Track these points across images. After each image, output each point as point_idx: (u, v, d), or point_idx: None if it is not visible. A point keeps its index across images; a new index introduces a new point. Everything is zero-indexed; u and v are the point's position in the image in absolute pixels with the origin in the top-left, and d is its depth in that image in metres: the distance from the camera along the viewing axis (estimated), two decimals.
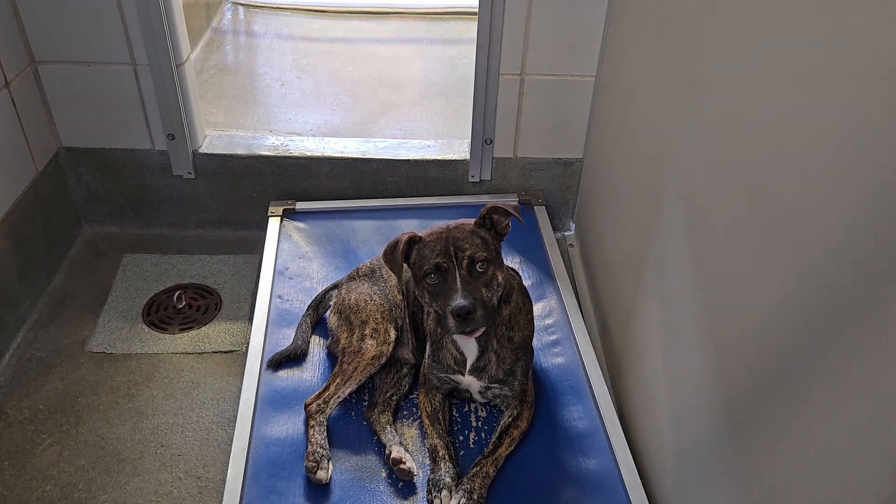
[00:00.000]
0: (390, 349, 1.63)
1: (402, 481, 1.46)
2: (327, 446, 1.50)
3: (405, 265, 1.45)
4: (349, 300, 1.70)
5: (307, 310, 1.81)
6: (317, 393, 1.58)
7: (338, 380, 1.58)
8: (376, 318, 1.64)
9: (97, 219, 2.30)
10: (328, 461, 1.47)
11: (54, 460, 1.63)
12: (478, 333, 1.42)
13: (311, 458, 1.46)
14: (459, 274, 1.36)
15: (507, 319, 1.50)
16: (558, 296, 1.90)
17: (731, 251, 1.12)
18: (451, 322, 1.35)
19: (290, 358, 1.70)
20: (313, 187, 2.24)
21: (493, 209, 1.43)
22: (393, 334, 1.64)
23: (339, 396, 1.57)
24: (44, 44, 1.98)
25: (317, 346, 1.76)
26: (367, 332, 1.63)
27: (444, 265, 1.37)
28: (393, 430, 1.54)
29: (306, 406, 1.56)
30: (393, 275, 1.71)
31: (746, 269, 1.07)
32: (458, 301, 1.33)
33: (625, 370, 1.69)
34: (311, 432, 1.51)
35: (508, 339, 1.50)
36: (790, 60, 0.97)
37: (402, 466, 1.45)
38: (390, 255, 1.44)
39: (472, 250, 1.37)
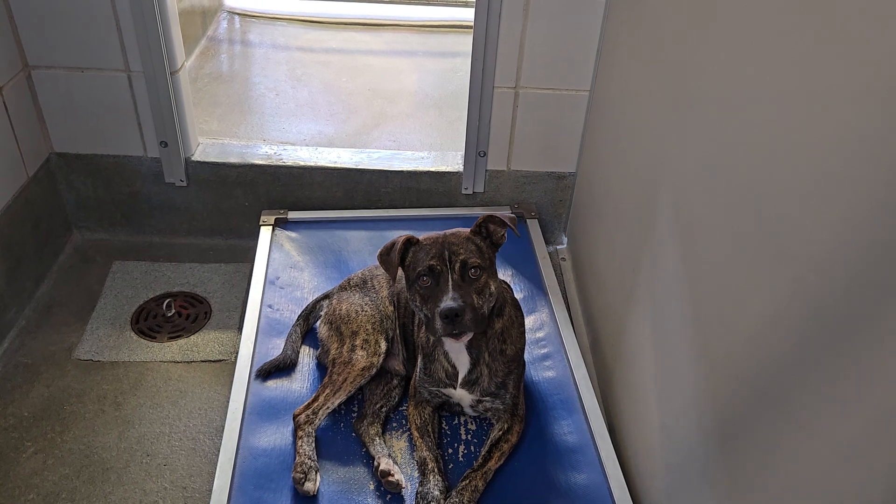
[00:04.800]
0: (381, 360, 1.62)
1: (390, 494, 1.45)
2: (315, 457, 1.49)
3: (399, 268, 1.45)
4: (340, 310, 1.69)
5: (297, 319, 1.80)
6: (306, 403, 1.57)
7: (327, 390, 1.57)
8: (367, 329, 1.64)
9: (87, 225, 2.28)
10: (316, 472, 1.46)
11: (38, 468, 1.61)
12: (465, 339, 1.41)
13: (298, 469, 1.44)
14: (451, 277, 1.36)
15: (499, 332, 1.49)
16: (550, 309, 1.89)
17: (724, 266, 1.13)
18: (438, 324, 1.34)
19: (280, 368, 1.69)
20: (306, 197, 2.23)
21: (489, 218, 1.44)
22: (384, 346, 1.63)
23: (328, 407, 1.56)
24: (38, 49, 1.97)
25: (306, 357, 1.75)
26: (358, 342, 1.62)
27: (438, 267, 1.37)
28: (382, 442, 1.53)
29: (295, 417, 1.55)
30: (384, 286, 1.70)
31: (738, 284, 1.07)
32: (447, 303, 1.33)
33: (615, 384, 1.68)
34: (300, 443, 1.49)
35: (501, 353, 1.50)
36: (783, 75, 0.98)
37: (390, 479, 1.44)
38: (386, 255, 1.45)
39: (465, 255, 1.37)
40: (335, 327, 1.67)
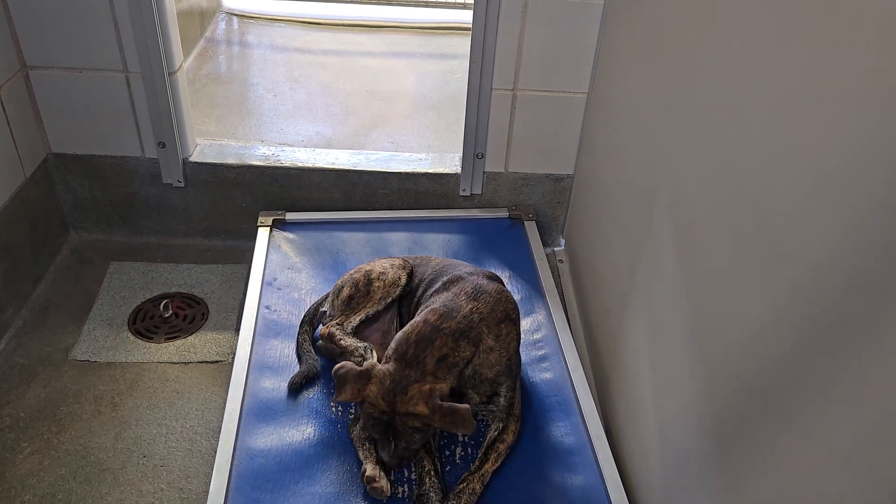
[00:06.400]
0: (402, 285, 1.64)
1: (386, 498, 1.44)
2: (360, 341, 1.55)
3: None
4: (347, 274, 1.71)
5: (301, 327, 1.77)
6: (329, 323, 1.63)
7: (347, 312, 1.62)
8: (383, 266, 1.65)
9: (85, 226, 2.28)
10: (371, 350, 1.53)
11: (34, 469, 1.60)
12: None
13: (354, 355, 1.51)
14: (390, 449, 1.40)
15: (472, 373, 1.45)
16: (547, 311, 1.89)
17: (722, 267, 1.13)
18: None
19: (308, 378, 1.66)
20: (304, 198, 2.23)
21: (441, 420, 1.35)
22: (405, 278, 1.65)
23: (352, 322, 1.60)
24: (36, 49, 1.97)
25: None
26: (374, 276, 1.65)
27: (380, 439, 1.41)
28: (372, 446, 1.51)
29: (322, 335, 1.62)
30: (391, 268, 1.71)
31: (737, 285, 1.07)
32: (386, 458, 1.42)
33: (613, 386, 1.68)
34: (342, 342, 1.56)
35: (481, 382, 1.47)
36: (782, 76, 0.98)
37: (374, 485, 1.42)
38: (339, 383, 1.41)
39: (406, 443, 1.38)
40: (346, 282, 1.69)
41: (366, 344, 1.57)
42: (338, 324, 1.63)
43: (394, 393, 1.36)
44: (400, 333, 1.44)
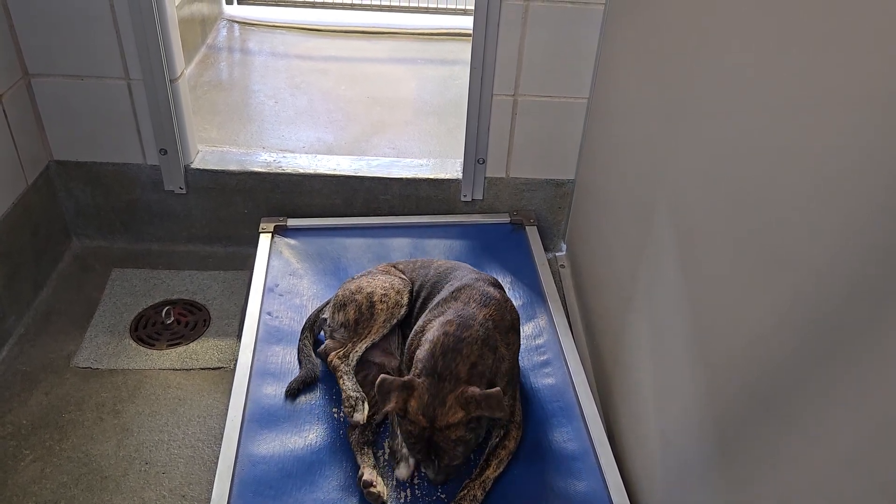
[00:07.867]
0: (405, 306, 1.64)
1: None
2: (359, 389, 1.55)
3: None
4: (349, 288, 1.70)
5: (302, 332, 1.77)
6: (336, 352, 1.61)
7: (354, 339, 1.61)
8: (384, 287, 1.64)
9: (87, 233, 2.28)
10: (363, 402, 1.52)
11: (36, 477, 1.60)
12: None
13: (346, 403, 1.51)
14: (434, 469, 1.40)
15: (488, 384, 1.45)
16: (549, 316, 1.89)
17: (723, 272, 1.13)
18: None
19: (306, 383, 1.66)
20: (305, 204, 2.24)
21: (478, 408, 1.35)
22: (406, 298, 1.65)
23: (357, 351, 1.60)
24: (38, 57, 1.98)
25: None
26: (376, 299, 1.63)
27: (422, 459, 1.40)
28: (370, 451, 1.51)
29: (329, 361, 1.61)
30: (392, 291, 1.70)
31: (738, 290, 1.07)
32: (432, 475, 1.42)
33: (615, 391, 1.68)
34: (341, 382, 1.55)
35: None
36: (782, 81, 0.98)
37: (371, 490, 1.42)
38: (383, 394, 1.39)
39: (449, 460, 1.37)
40: (348, 301, 1.67)
41: (359, 395, 1.54)
42: (344, 354, 1.61)
43: (433, 407, 1.34)
44: (421, 352, 1.42)
